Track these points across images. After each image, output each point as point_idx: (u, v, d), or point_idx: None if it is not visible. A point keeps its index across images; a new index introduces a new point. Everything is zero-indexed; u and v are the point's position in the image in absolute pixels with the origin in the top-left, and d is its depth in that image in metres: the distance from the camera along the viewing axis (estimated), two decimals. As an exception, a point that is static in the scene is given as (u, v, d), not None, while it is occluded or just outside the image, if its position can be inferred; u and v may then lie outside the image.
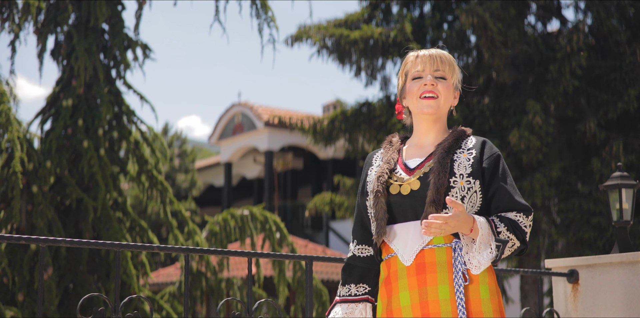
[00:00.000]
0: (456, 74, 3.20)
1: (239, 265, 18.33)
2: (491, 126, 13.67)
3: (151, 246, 3.62)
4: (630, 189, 5.03)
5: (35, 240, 3.44)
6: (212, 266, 11.65)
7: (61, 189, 10.76)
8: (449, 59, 3.18)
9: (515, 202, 3.04)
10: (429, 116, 3.14)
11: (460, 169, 3.03)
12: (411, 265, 3.00)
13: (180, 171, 30.29)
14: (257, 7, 11.40)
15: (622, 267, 4.69)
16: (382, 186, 3.06)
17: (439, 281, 2.95)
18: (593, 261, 4.83)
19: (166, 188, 11.34)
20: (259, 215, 11.92)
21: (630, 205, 5.01)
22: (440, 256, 2.98)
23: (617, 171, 5.16)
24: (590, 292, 4.81)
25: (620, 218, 5.04)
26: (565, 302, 4.90)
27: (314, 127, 15.09)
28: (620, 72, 13.03)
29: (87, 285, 10.53)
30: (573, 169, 13.51)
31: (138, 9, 11.43)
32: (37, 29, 10.96)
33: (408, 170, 3.10)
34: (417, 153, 3.16)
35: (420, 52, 3.20)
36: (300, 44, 14.91)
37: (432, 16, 14.72)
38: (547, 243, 13.85)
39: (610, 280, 4.74)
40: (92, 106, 10.91)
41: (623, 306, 4.64)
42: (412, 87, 3.16)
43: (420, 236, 3.00)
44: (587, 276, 4.84)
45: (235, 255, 3.80)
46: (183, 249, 3.65)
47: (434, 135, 3.17)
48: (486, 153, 3.08)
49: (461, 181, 3.01)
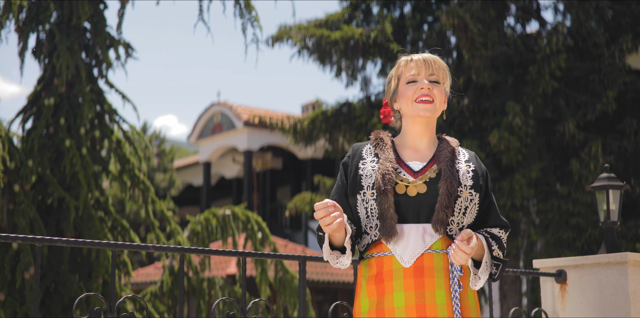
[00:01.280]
0: (448, 80, 3.26)
1: (220, 265, 18.31)
2: (471, 126, 13.74)
3: (147, 245, 3.63)
4: (617, 191, 5.09)
5: (32, 239, 3.44)
6: (193, 266, 11.64)
7: (43, 189, 10.71)
8: (443, 65, 3.24)
9: (500, 220, 3.23)
10: (423, 119, 3.18)
11: (464, 180, 3.10)
12: (410, 267, 3.03)
13: (159, 170, 30.18)
14: (241, 6, 11.39)
15: (610, 267, 4.75)
16: (390, 185, 3.06)
17: (437, 286, 3.00)
18: (581, 261, 4.88)
19: (148, 188, 11.31)
20: (240, 215, 11.92)
21: (617, 205, 5.07)
22: (438, 261, 3.03)
23: (604, 172, 5.22)
24: (578, 292, 4.86)
25: (608, 219, 5.10)
26: (553, 302, 4.94)
27: (294, 127, 15.10)
28: (598, 73, 13.14)
29: (69, 284, 10.48)
30: (552, 170, 13.61)
31: (120, 8, 11.39)
32: (19, 28, 10.89)
33: (412, 172, 3.12)
34: (415, 156, 3.18)
35: (414, 57, 3.23)
36: (281, 45, 14.91)
37: (412, 17, 14.77)
38: (526, 243, 13.95)
39: (598, 280, 4.79)
40: (74, 104, 10.86)
41: (611, 306, 4.70)
42: (406, 90, 3.19)
43: (423, 239, 3.04)
44: (575, 277, 4.90)
45: (229, 255, 3.81)
46: (179, 249, 3.66)
47: (427, 139, 3.21)
48: (481, 169, 3.20)
49: (465, 191, 3.08)
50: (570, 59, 13.54)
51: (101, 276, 10.37)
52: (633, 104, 13.47)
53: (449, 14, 12.81)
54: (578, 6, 13.27)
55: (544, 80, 12.78)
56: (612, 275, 4.73)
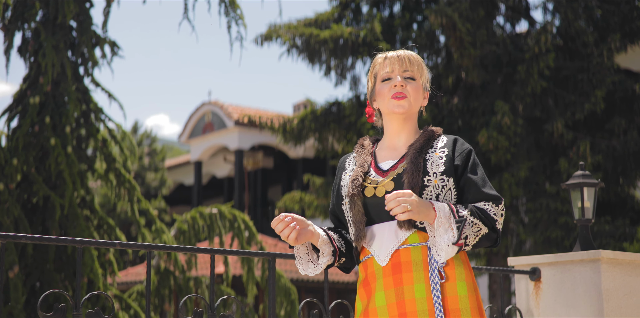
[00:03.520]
0: (425, 75, 3.22)
1: (208, 264, 18.28)
2: (460, 126, 13.74)
3: (113, 242, 3.61)
4: (592, 188, 5.08)
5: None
6: (180, 265, 11.62)
7: (28, 187, 10.68)
8: (417, 60, 3.20)
9: (482, 193, 3.02)
10: (399, 115, 3.16)
11: (433, 168, 3.04)
12: (387, 264, 3.00)
13: (150, 169, 30.15)
14: (226, 4, 11.38)
15: (584, 265, 4.74)
16: (357, 189, 3.07)
17: (415, 280, 2.95)
18: (555, 259, 4.87)
19: (134, 187, 11.29)
20: (227, 214, 11.91)
21: (592, 203, 5.06)
22: (416, 255, 2.98)
23: (580, 170, 5.21)
24: (552, 290, 4.85)
25: (582, 217, 5.09)
26: (528, 300, 4.93)
27: (283, 126, 15.08)
28: (587, 73, 13.15)
29: (54, 283, 10.46)
30: (541, 169, 13.61)
31: (106, 7, 11.37)
32: (4, 26, 10.87)
33: (381, 172, 3.11)
34: (389, 155, 3.17)
35: (388, 54, 3.21)
36: (270, 44, 14.90)
37: (401, 16, 14.77)
38: (515, 242, 13.96)
39: (571, 277, 4.78)
40: (60, 103, 10.84)
41: (584, 303, 4.69)
42: (382, 88, 3.17)
43: (395, 236, 3.01)
44: (549, 274, 4.88)
45: (199, 252, 3.79)
46: (145, 245, 3.64)
47: (405, 136, 3.18)
48: (457, 150, 3.09)
49: (435, 179, 3.02)
50: (559, 59, 13.55)
51: (86, 275, 10.34)
52: (622, 103, 13.47)
53: (437, 14, 12.80)
54: (567, 6, 13.28)
55: (533, 79, 12.78)
56: (585, 272, 4.72)
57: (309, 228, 3.06)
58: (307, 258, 3.16)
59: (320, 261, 3.13)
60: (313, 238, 3.08)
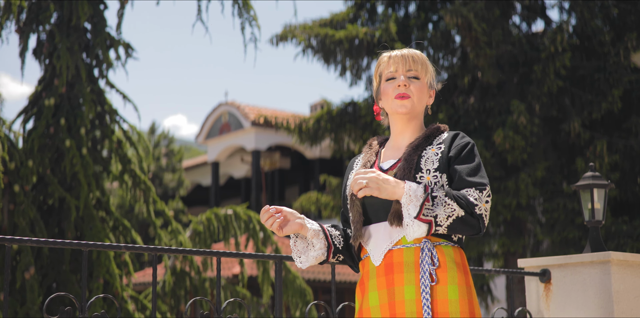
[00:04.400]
0: (429, 73, 3.19)
1: (224, 265, 18.31)
2: (476, 126, 13.69)
3: (119, 246, 3.61)
4: (602, 189, 5.04)
5: (1, 239, 3.42)
6: (196, 266, 11.64)
7: (43, 189, 10.73)
8: (422, 58, 3.17)
9: (466, 181, 2.96)
10: (403, 115, 3.15)
11: (427, 164, 3.02)
12: (380, 265, 3.00)
13: (168, 170, 30.22)
14: (239, 6, 11.39)
15: (594, 267, 4.70)
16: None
17: (406, 281, 2.94)
18: (565, 260, 4.84)
19: (149, 188, 11.31)
20: (242, 215, 11.91)
21: (602, 204, 5.02)
22: (408, 256, 2.97)
23: (590, 171, 5.17)
24: (562, 292, 4.82)
25: (592, 218, 5.05)
26: (538, 302, 4.91)
27: (299, 127, 15.07)
28: (604, 72, 13.06)
29: (70, 284, 10.50)
30: (558, 169, 13.54)
31: (120, 8, 11.40)
32: (19, 28, 10.92)
33: (382, 171, 3.10)
34: (392, 154, 3.17)
35: (392, 53, 3.20)
36: (286, 44, 14.90)
37: (417, 16, 14.73)
38: (532, 242, 13.89)
39: (581, 279, 4.75)
40: (75, 105, 10.88)
41: (594, 305, 4.65)
42: (386, 88, 3.17)
43: (389, 236, 3.01)
44: (559, 276, 4.85)
45: (203, 255, 3.79)
46: (151, 249, 3.64)
47: (409, 135, 3.17)
48: (454, 144, 3.06)
49: (428, 176, 3.00)
50: (576, 58, 13.47)
51: (102, 276, 10.38)
52: (639, 102, 13.38)
53: (452, 14, 12.76)
54: (583, 5, 13.20)
55: (549, 79, 12.72)
56: (595, 274, 4.69)
57: (297, 220, 3.08)
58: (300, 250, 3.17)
59: (310, 255, 3.13)
60: (302, 230, 3.10)
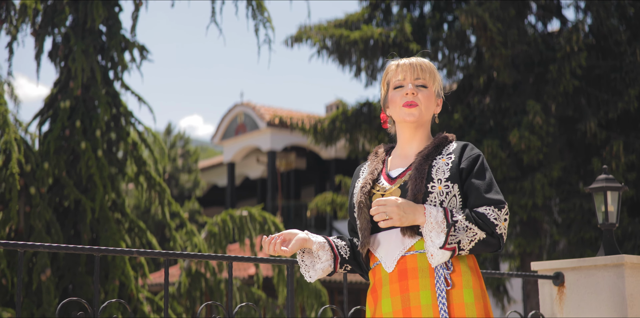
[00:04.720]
0: (437, 82, 3.20)
1: (239, 266, 18.31)
2: (492, 126, 13.67)
3: (130, 250, 3.62)
4: (616, 192, 5.01)
5: (14, 245, 3.44)
6: (211, 267, 11.66)
7: (59, 191, 10.78)
8: (430, 67, 3.18)
9: (483, 198, 2.98)
10: (410, 123, 3.15)
11: (438, 174, 3.03)
12: (393, 271, 3.01)
13: (184, 171, 30.28)
14: (253, 7, 11.40)
15: (607, 270, 4.68)
16: (364, 196, 3.09)
17: (421, 287, 2.94)
18: (578, 263, 4.82)
19: (164, 189, 11.34)
20: (257, 216, 11.93)
21: (616, 207, 4.99)
22: (422, 261, 2.97)
23: (603, 174, 5.14)
24: (576, 295, 4.80)
25: (606, 221, 5.03)
26: (552, 305, 4.88)
27: (314, 127, 15.08)
28: (620, 72, 13.01)
29: (86, 286, 10.55)
30: (574, 169, 13.49)
31: (135, 11, 11.44)
32: (35, 31, 10.98)
33: (390, 179, 3.11)
34: (400, 163, 3.17)
35: (400, 61, 3.21)
36: (301, 45, 14.91)
37: (432, 16, 14.71)
38: (548, 243, 13.83)
39: (595, 282, 4.72)
40: (90, 107, 10.93)
41: (608, 308, 4.63)
42: (394, 96, 3.17)
43: (401, 242, 3.01)
44: (572, 279, 4.83)
45: (215, 259, 3.80)
46: (163, 253, 3.65)
47: (416, 143, 3.18)
48: (465, 156, 3.07)
49: (439, 186, 3.00)
50: (592, 58, 13.42)
51: (117, 278, 10.41)
52: (656, 102, 13.31)
53: (467, 14, 12.73)
54: (599, 4, 13.15)
55: (565, 79, 12.68)
56: (608, 277, 4.66)
57: (300, 235, 3.11)
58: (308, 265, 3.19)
59: (317, 267, 3.15)
60: (306, 243, 3.13)
